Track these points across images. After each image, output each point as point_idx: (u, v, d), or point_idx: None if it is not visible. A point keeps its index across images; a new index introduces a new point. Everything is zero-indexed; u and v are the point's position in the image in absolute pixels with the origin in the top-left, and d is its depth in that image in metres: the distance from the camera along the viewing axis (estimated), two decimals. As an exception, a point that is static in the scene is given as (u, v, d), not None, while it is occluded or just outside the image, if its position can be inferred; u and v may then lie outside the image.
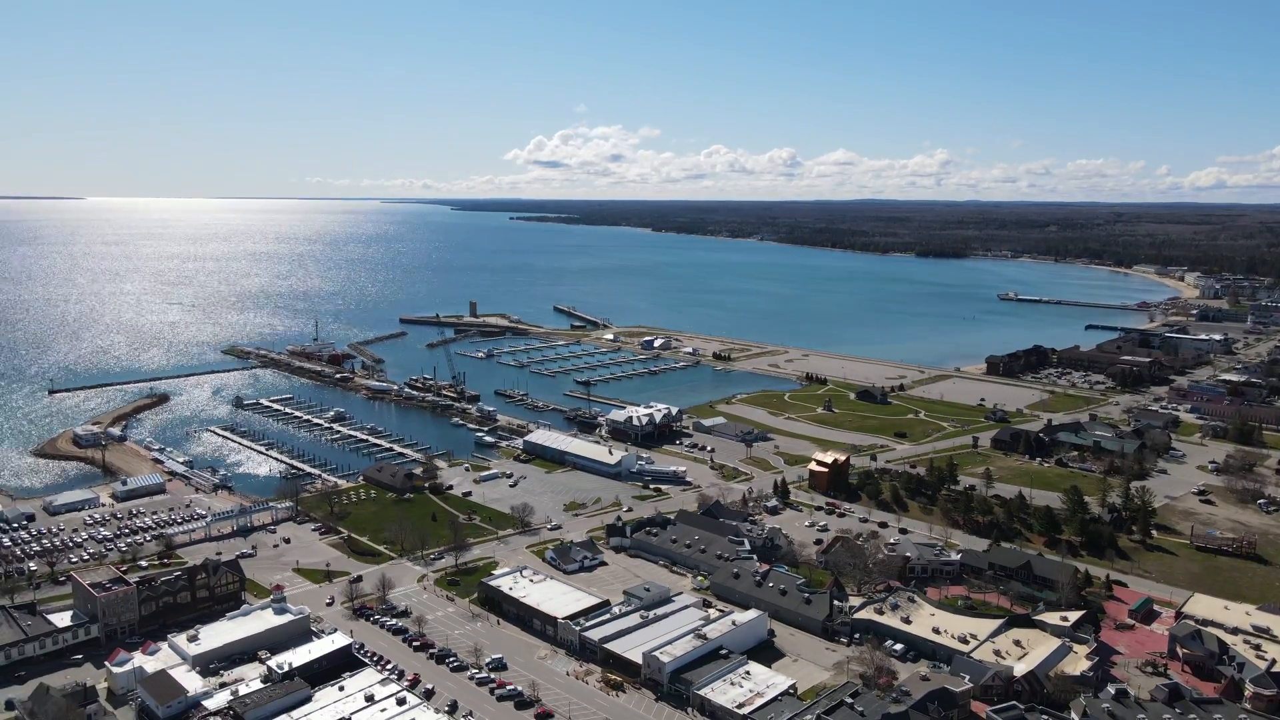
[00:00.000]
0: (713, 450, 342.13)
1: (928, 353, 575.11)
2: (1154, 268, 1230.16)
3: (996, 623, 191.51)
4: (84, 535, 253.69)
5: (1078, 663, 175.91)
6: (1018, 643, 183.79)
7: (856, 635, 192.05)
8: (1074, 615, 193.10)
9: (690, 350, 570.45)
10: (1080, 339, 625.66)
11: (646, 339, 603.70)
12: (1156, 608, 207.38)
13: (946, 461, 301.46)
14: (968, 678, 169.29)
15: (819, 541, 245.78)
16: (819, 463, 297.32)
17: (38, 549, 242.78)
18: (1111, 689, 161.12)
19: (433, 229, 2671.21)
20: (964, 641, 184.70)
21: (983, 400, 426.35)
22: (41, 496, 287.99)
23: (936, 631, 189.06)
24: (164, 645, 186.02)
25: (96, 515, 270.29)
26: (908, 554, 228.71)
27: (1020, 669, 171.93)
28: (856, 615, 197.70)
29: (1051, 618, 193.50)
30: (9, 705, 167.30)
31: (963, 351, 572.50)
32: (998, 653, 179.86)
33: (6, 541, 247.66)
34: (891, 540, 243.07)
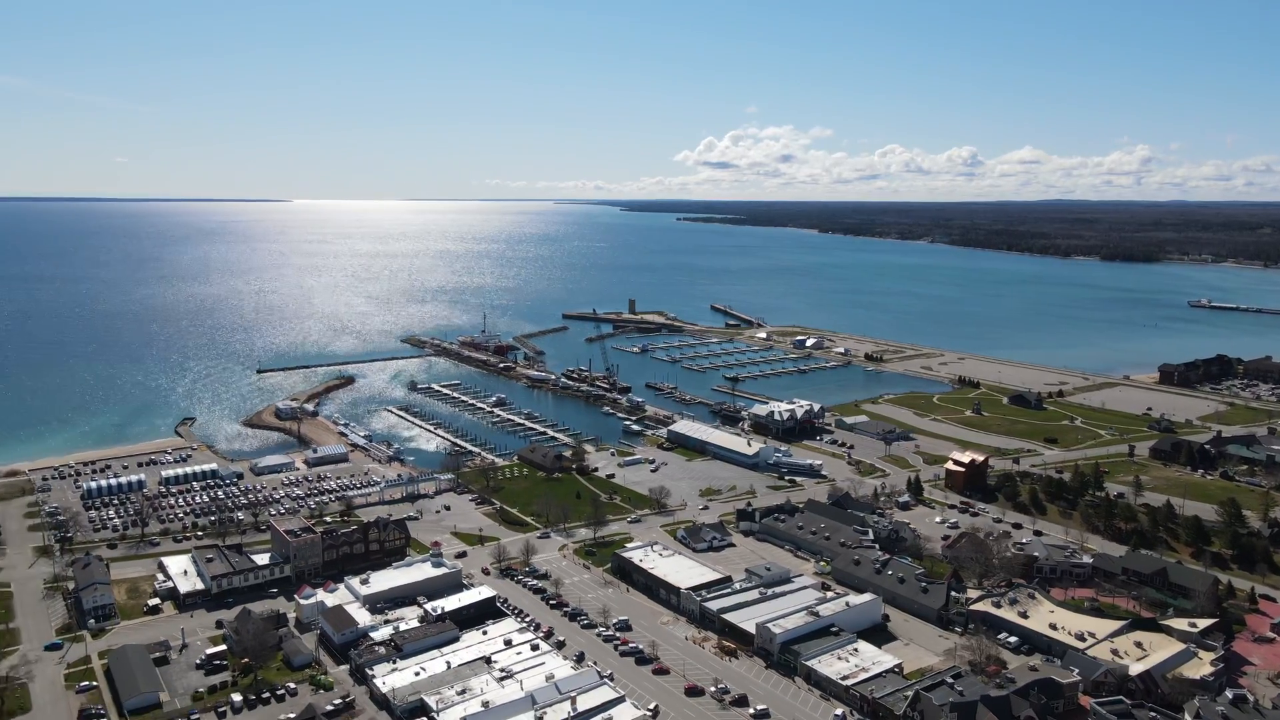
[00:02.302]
0: (851, 447, 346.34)
1: (1096, 359, 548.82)
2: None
3: (1118, 623, 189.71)
4: (281, 493, 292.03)
5: (1200, 668, 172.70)
6: (1139, 644, 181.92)
7: (970, 626, 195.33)
8: (1204, 623, 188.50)
9: (842, 350, 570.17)
10: (1277, 349, 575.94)
11: (799, 338, 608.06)
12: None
13: (1093, 467, 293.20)
14: (1077, 671, 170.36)
15: (946, 538, 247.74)
16: (956, 462, 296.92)
17: (244, 502, 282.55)
18: (1230, 694, 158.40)
19: (600, 229, 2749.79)
20: (1081, 639, 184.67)
21: (1149, 409, 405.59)
22: (249, 459, 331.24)
23: (1053, 628, 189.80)
24: (341, 586, 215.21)
25: (292, 477, 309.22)
26: (1035, 554, 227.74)
27: (1136, 669, 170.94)
28: (973, 607, 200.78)
29: (1179, 623, 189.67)
30: (219, 624, 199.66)
31: (1136, 359, 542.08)
32: (1115, 652, 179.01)
33: (221, 495, 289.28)
34: (1023, 540, 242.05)
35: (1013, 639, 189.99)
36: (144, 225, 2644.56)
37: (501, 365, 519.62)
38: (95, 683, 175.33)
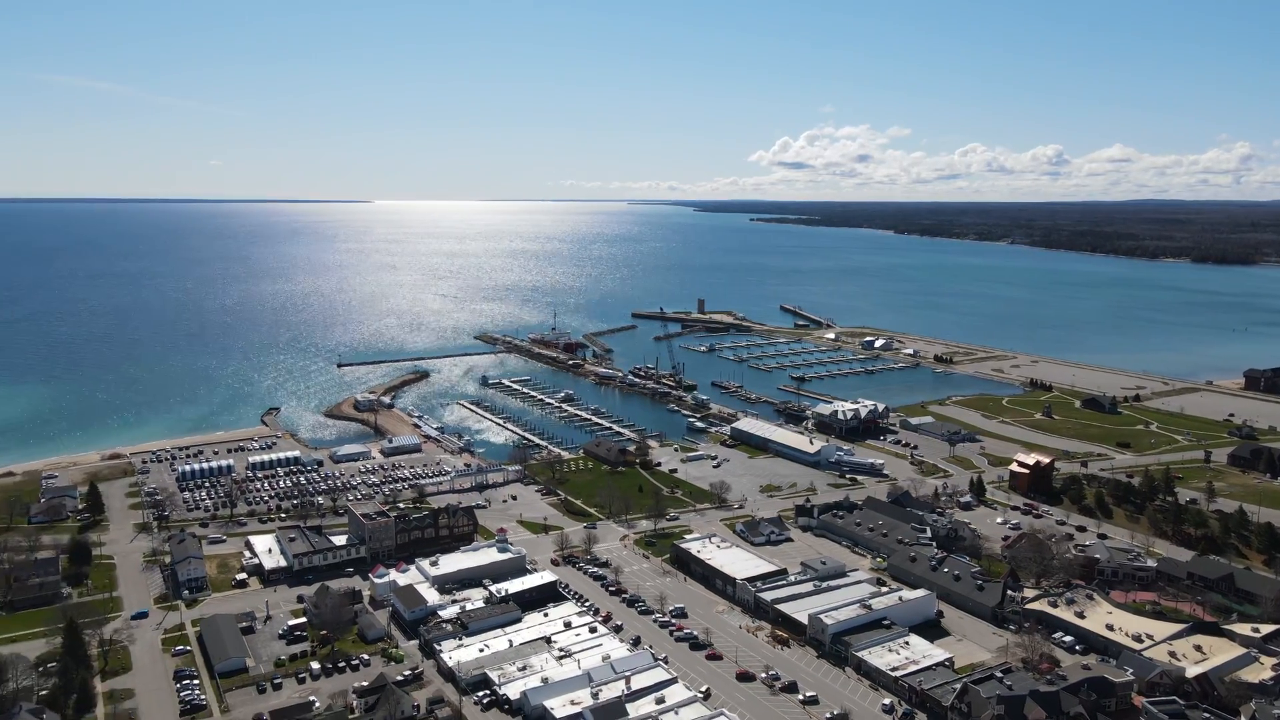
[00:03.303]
0: (915, 447, 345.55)
1: (1178, 364, 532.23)
2: None
3: (1178, 626, 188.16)
4: (358, 480, 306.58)
5: (1260, 672, 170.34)
6: (1198, 647, 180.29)
7: (1025, 624, 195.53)
8: (1268, 628, 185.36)
9: (911, 351, 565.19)
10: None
11: (867, 339, 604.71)
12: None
13: (1164, 472, 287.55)
14: (1131, 671, 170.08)
15: (1006, 538, 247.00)
16: (1020, 464, 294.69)
17: (324, 487, 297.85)
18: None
19: (673, 229, 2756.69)
20: (1138, 640, 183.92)
21: (1231, 415, 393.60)
22: (329, 448, 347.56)
23: (1110, 628, 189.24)
24: (412, 567, 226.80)
25: (368, 465, 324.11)
26: (1097, 555, 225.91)
27: (1193, 671, 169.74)
28: (1028, 605, 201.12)
29: (1242, 628, 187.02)
30: (300, 599, 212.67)
31: (1221, 364, 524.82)
32: (1172, 654, 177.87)
33: (302, 480, 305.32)
34: (1086, 543, 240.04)
35: (1068, 638, 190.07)
36: (235, 225, 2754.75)
37: (570, 362, 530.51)
38: (189, 647, 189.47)
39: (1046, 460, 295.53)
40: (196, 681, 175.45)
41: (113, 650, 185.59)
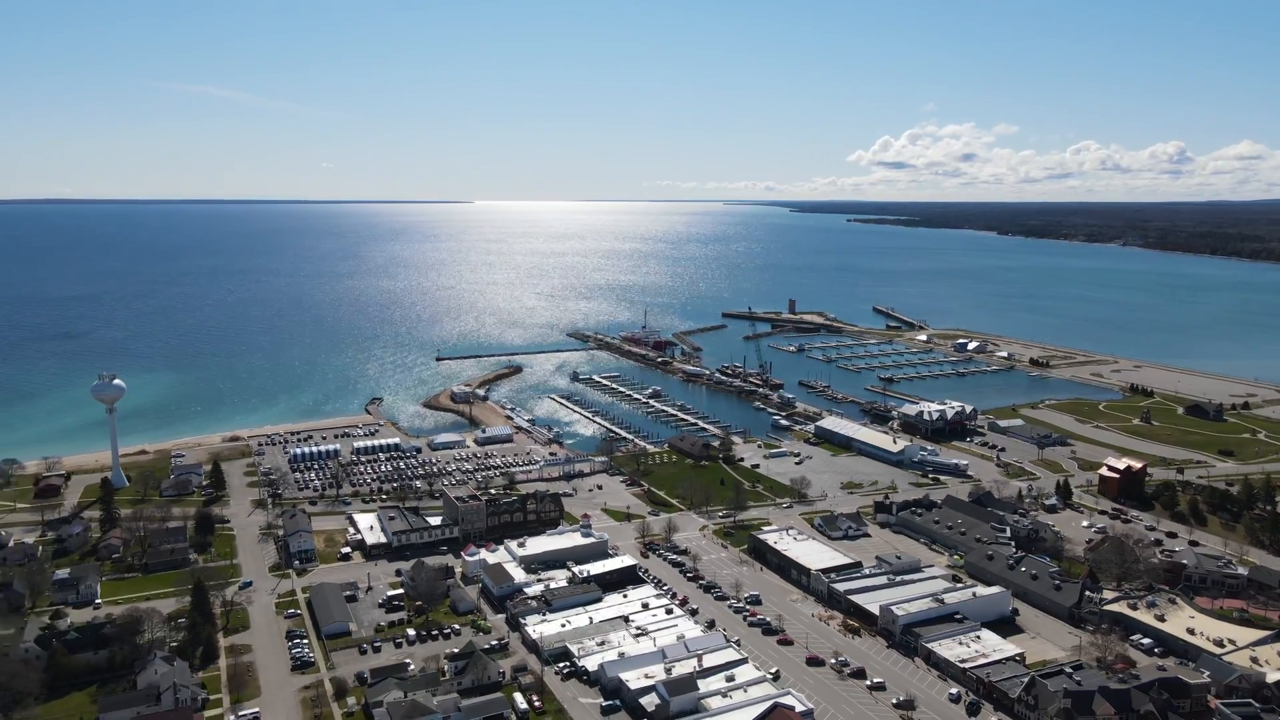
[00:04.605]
0: (1002, 449, 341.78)
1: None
2: None
3: (1262, 633, 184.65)
4: (453, 466, 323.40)
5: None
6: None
7: (1103, 625, 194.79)
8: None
9: (1005, 355, 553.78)
10: None
11: (960, 341, 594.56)
12: None
13: (1265, 481, 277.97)
14: (1208, 674, 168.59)
15: (1089, 541, 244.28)
16: (1110, 468, 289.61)
17: (422, 472, 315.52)
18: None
19: (769, 230, 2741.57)
20: (1219, 645, 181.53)
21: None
22: (427, 436, 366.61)
23: (1190, 632, 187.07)
24: (501, 547, 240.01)
25: (463, 453, 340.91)
26: (1184, 561, 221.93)
27: (1274, 677, 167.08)
28: (1107, 606, 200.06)
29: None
30: (398, 573, 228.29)
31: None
32: (1254, 659, 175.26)
33: (402, 465, 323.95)
34: (1175, 548, 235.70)
35: (1145, 640, 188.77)
36: (344, 225, 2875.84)
37: (659, 360, 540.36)
38: (299, 611, 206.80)
39: (1138, 466, 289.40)
40: (306, 641, 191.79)
41: (233, 610, 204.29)
